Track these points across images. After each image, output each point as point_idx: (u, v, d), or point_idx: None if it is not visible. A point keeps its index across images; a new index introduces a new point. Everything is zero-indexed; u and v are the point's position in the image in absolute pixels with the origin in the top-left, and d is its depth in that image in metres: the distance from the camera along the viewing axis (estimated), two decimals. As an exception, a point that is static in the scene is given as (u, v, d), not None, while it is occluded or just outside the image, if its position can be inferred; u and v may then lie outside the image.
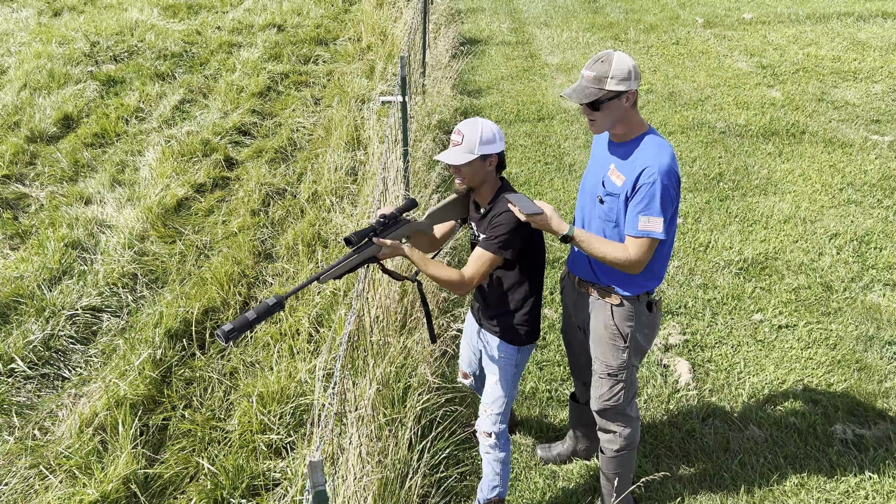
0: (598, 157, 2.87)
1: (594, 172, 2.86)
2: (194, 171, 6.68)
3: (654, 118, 7.85)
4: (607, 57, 2.61)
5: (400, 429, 3.47)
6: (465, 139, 2.79)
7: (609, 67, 2.59)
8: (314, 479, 1.73)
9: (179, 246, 5.57)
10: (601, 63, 2.60)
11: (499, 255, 2.83)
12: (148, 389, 4.07)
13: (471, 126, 2.81)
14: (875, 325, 4.61)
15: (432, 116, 7.20)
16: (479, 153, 2.78)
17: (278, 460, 3.67)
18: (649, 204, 2.61)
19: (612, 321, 2.92)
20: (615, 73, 2.59)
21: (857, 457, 3.67)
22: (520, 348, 3.08)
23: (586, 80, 2.63)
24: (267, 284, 5.14)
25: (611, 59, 2.60)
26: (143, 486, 3.53)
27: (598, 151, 2.89)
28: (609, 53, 2.63)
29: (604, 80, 2.60)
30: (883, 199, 6.09)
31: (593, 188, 2.83)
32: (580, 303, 3.06)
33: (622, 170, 2.70)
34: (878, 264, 5.23)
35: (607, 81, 2.60)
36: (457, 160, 2.79)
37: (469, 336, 3.36)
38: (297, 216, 5.98)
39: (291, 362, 4.24)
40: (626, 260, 2.68)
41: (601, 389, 3.03)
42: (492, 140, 2.81)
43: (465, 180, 2.86)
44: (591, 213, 2.86)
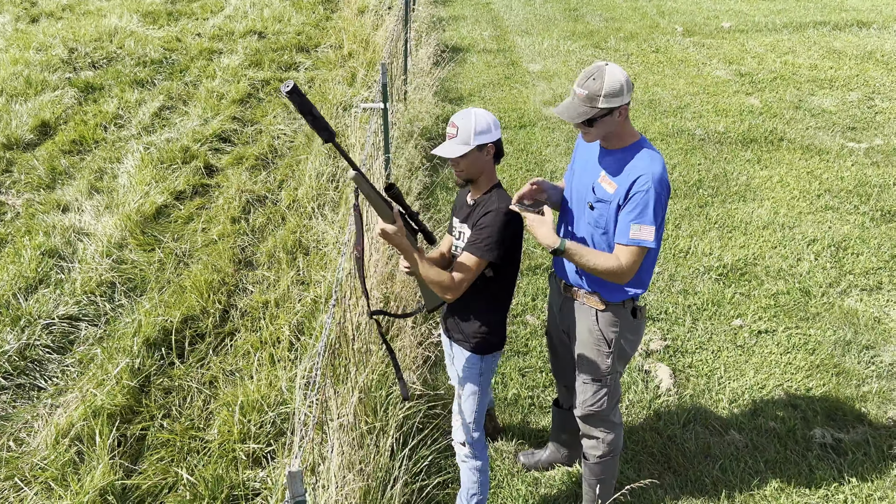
0: (587, 163, 2.83)
1: (583, 178, 2.82)
2: (174, 178, 6.62)
3: (635, 125, 7.87)
4: (598, 73, 2.55)
5: (381, 437, 3.45)
6: (459, 131, 2.77)
7: (601, 84, 2.53)
8: (293, 489, 1.71)
9: (158, 254, 5.51)
10: (592, 81, 2.54)
11: (485, 259, 2.77)
12: (126, 399, 4.02)
13: (464, 117, 2.79)
14: (853, 330, 4.66)
15: (414, 124, 7.20)
16: (474, 143, 2.76)
17: (258, 470, 3.63)
18: (642, 212, 2.60)
19: (596, 326, 2.91)
20: (608, 91, 2.54)
21: (836, 461, 3.70)
22: (483, 357, 3.01)
23: (578, 98, 2.58)
24: (247, 292, 5.10)
25: (602, 76, 2.54)
26: (120, 498, 3.48)
27: (587, 157, 2.85)
28: (600, 69, 2.56)
29: (596, 99, 2.55)
30: (860, 206, 6.16)
31: (582, 193, 2.81)
32: (566, 307, 3.05)
33: (614, 177, 2.67)
34: (856, 270, 5.29)
35: (599, 100, 2.55)
36: (453, 153, 2.76)
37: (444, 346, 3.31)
38: (278, 223, 5.94)
39: (272, 370, 4.20)
40: (617, 269, 2.65)
41: (585, 395, 3.02)
42: (486, 129, 2.78)
43: (464, 172, 2.84)
44: (579, 218, 2.84)
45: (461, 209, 3.01)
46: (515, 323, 4.80)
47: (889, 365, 4.36)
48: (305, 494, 1.70)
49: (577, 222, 2.86)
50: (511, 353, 4.51)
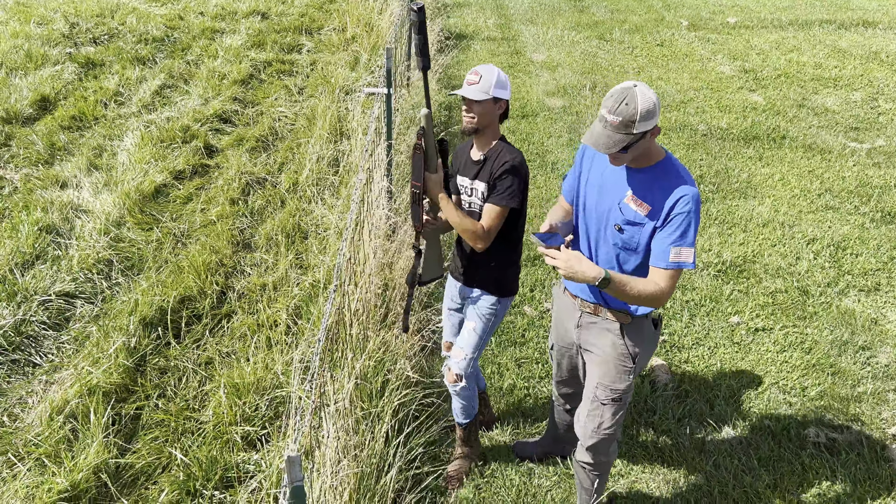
0: (607, 182, 2.65)
1: (604, 197, 2.65)
2: (173, 157, 6.59)
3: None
4: (630, 97, 2.38)
5: (377, 423, 3.45)
6: (482, 79, 2.93)
7: (635, 108, 2.36)
8: (292, 474, 1.70)
9: (156, 233, 5.49)
10: (625, 106, 2.36)
11: (509, 206, 2.99)
12: (121, 378, 4.01)
13: (488, 69, 2.96)
14: (849, 331, 4.66)
15: (417, 110, 7.16)
16: (493, 94, 2.94)
17: (253, 452, 3.63)
18: (684, 234, 2.48)
19: (621, 341, 2.80)
20: (643, 114, 2.37)
21: (830, 460, 3.71)
22: (500, 299, 3.24)
23: (612, 126, 2.39)
24: (245, 274, 5.08)
25: (635, 99, 2.37)
26: (113, 476, 3.48)
27: (605, 174, 2.66)
28: (630, 91, 2.39)
29: (631, 124, 2.38)
30: (860, 206, 6.16)
31: (604, 214, 2.65)
32: (585, 325, 2.89)
33: (645, 197, 2.53)
34: (854, 270, 5.29)
35: (635, 125, 2.38)
36: (474, 96, 2.92)
37: (450, 299, 3.44)
38: (277, 206, 5.92)
39: (269, 354, 4.19)
40: (658, 293, 2.52)
41: (602, 418, 2.86)
42: (504, 85, 2.99)
43: (475, 120, 2.97)
44: (600, 239, 2.70)
45: (467, 167, 3.15)
46: (513, 313, 4.79)
47: (885, 366, 4.37)
48: (303, 480, 1.69)
49: (598, 244, 2.72)
50: (507, 343, 4.50)
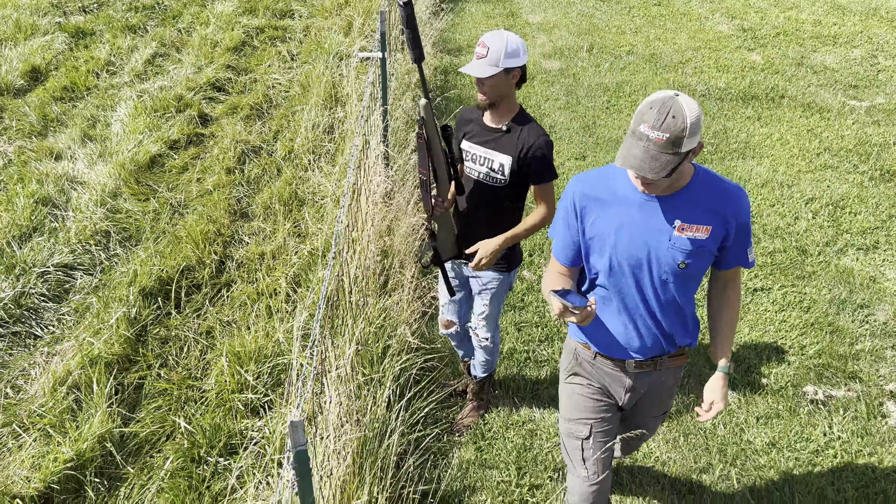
0: (635, 220, 2.24)
1: (638, 239, 2.24)
2: (168, 127, 6.53)
3: (635, 80, 7.81)
4: (677, 108, 1.98)
5: (378, 388, 3.47)
6: (489, 52, 2.78)
7: (684, 123, 1.97)
8: (295, 438, 1.71)
9: (153, 203, 5.46)
10: (672, 119, 1.97)
11: (553, 179, 2.99)
12: (122, 348, 4.02)
13: (496, 38, 2.79)
14: (848, 289, 4.68)
15: (412, 75, 7.08)
16: (503, 66, 2.79)
17: (256, 419, 3.66)
18: (749, 234, 2.28)
19: (680, 374, 2.62)
20: (691, 129, 1.99)
21: (827, 417, 3.75)
22: (509, 273, 3.25)
23: (657, 145, 1.98)
24: (243, 243, 5.07)
25: (682, 112, 1.98)
26: (118, 445, 3.51)
27: (632, 215, 2.24)
28: (675, 103, 2.00)
29: (679, 143, 1.98)
30: (859, 165, 6.14)
31: (647, 260, 2.26)
32: (638, 385, 2.53)
33: (699, 219, 2.19)
34: (853, 229, 5.29)
35: (683, 143, 1.99)
36: (481, 73, 2.78)
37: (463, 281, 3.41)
38: (274, 175, 5.89)
39: (269, 322, 4.21)
40: (739, 296, 2.47)
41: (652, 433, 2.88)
42: (516, 53, 2.81)
43: (488, 95, 2.86)
44: (653, 287, 2.30)
45: (479, 134, 3.03)
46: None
47: (883, 324, 4.39)
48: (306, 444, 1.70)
49: (648, 297, 2.32)
50: (507, 307, 4.51)
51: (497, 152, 2.98)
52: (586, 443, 2.56)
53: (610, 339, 2.44)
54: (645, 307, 2.34)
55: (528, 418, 3.75)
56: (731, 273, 2.38)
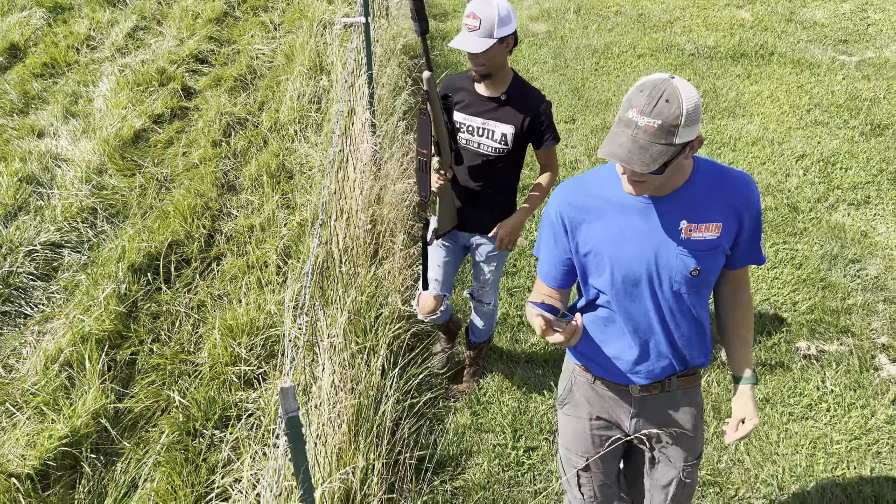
0: (635, 227, 1.95)
1: (642, 248, 1.95)
2: (151, 101, 6.43)
3: (623, 41, 7.72)
4: (670, 92, 1.71)
5: (372, 357, 3.47)
6: (482, 23, 2.64)
7: (678, 108, 1.70)
8: (286, 405, 1.70)
9: (139, 179, 5.40)
10: (665, 104, 1.70)
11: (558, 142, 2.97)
12: (114, 324, 4.00)
13: (485, 6, 2.65)
14: (839, 244, 4.67)
15: (397, 41, 6.98)
16: (497, 36, 2.66)
17: (250, 391, 3.65)
18: (760, 227, 2.03)
19: (698, 399, 2.28)
20: (688, 116, 1.71)
21: (820, 372, 3.77)
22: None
23: (647, 133, 1.71)
24: (232, 217, 5.03)
25: (677, 96, 1.71)
26: (113, 421, 3.50)
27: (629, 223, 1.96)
28: (668, 85, 1.73)
29: (674, 131, 1.71)
30: (849, 120, 6.11)
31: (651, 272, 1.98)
32: (646, 409, 2.23)
33: (707, 216, 1.93)
34: (844, 184, 5.28)
35: (678, 132, 1.71)
36: (478, 47, 2.64)
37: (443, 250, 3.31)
38: (260, 146, 5.82)
39: (260, 294, 4.18)
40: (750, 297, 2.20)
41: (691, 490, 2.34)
42: (508, 20, 2.70)
43: (485, 67, 2.75)
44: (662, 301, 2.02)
45: (473, 104, 2.91)
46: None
47: (874, 278, 4.40)
48: (298, 410, 1.69)
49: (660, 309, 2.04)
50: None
51: (497, 122, 2.88)
52: (583, 473, 2.35)
53: (612, 362, 2.15)
54: (656, 325, 2.05)
55: (522, 382, 3.76)
56: (742, 272, 2.13)
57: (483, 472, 3.30)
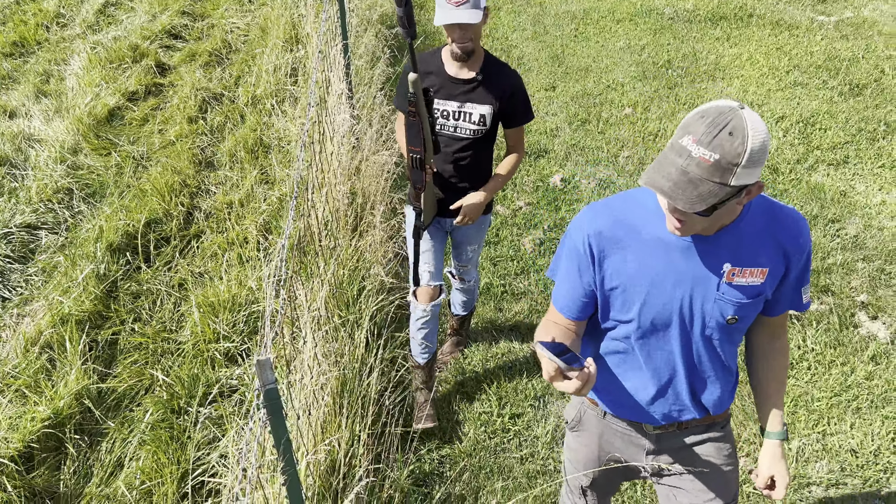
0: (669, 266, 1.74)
1: (681, 292, 1.75)
2: (124, 78, 6.33)
3: (602, 6, 7.66)
4: (737, 124, 1.46)
5: (356, 329, 3.46)
6: None
7: (744, 146, 1.45)
8: (263, 377, 1.69)
9: (115, 157, 5.32)
10: (728, 137, 1.45)
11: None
12: (93, 305, 3.96)
13: None
14: (819, 205, 4.69)
15: (373, 10, 6.89)
16: (482, 6, 2.58)
17: (234, 367, 3.64)
18: (809, 268, 1.83)
19: (727, 432, 2.06)
20: (751, 156, 1.46)
21: (801, 331, 3.80)
22: (489, 213, 3.21)
23: (701, 167, 1.47)
24: (210, 193, 4.97)
25: (743, 129, 1.46)
26: (96, 401, 3.48)
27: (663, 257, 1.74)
28: (735, 116, 1.47)
29: (731, 169, 1.46)
30: (828, 80, 6.11)
31: (685, 314, 1.78)
32: (664, 448, 2.03)
33: (754, 260, 1.72)
34: (823, 145, 5.29)
35: (736, 171, 1.47)
36: (472, 18, 2.53)
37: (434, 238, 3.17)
38: (237, 122, 5.75)
39: (242, 270, 4.16)
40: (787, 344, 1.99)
41: None
42: None
43: (471, 43, 2.64)
44: (692, 346, 1.83)
45: (446, 87, 2.79)
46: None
47: (853, 237, 4.43)
48: (275, 382, 1.68)
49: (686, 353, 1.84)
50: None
51: (474, 104, 2.80)
52: (588, 490, 2.21)
53: (626, 398, 1.96)
54: (680, 368, 1.86)
55: (507, 350, 3.77)
56: (782, 318, 1.90)
57: (469, 440, 3.32)
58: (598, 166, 5.18)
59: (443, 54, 2.82)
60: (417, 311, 3.20)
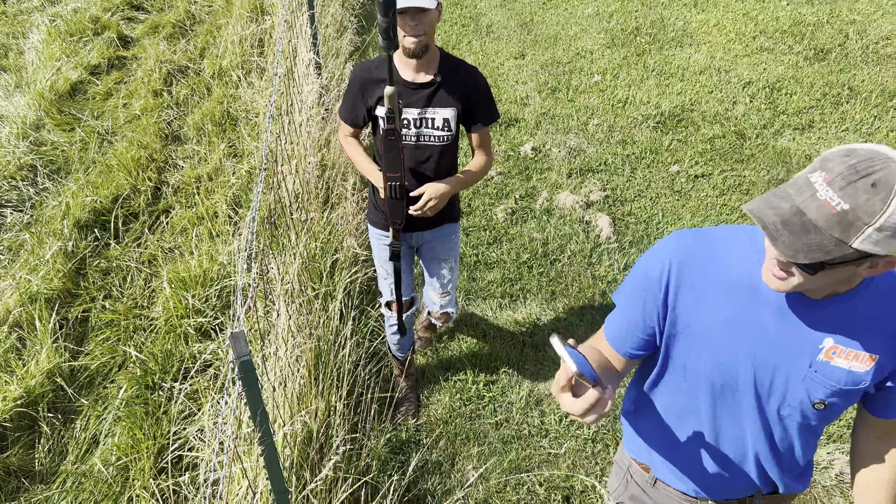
0: (763, 326, 1.45)
1: (764, 357, 1.46)
2: (86, 51, 6.18)
3: (571, -27, 7.62)
4: (886, 176, 1.16)
5: (330, 301, 3.46)
6: None
7: (885, 204, 1.15)
8: (237, 349, 1.69)
9: (79, 133, 5.22)
10: (871, 189, 1.16)
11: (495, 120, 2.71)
12: (62, 283, 3.91)
13: None
14: (785, 169, 4.77)
15: (340, -20, 6.78)
16: None
17: (208, 342, 3.63)
18: None
19: None
20: (890, 221, 1.16)
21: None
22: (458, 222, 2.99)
23: (822, 210, 1.19)
24: (178, 168, 4.91)
25: (892, 186, 1.15)
26: (69, 379, 3.46)
27: (757, 313, 1.45)
28: (888, 166, 1.17)
29: (859, 228, 1.17)
30: (794, 45, 6.16)
31: (768, 385, 1.49)
32: None
33: (863, 343, 1.40)
34: (789, 110, 5.35)
35: (864, 232, 1.17)
36: (427, 3, 2.30)
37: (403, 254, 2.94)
38: (204, 95, 5.66)
39: (212, 245, 4.12)
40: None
41: None
42: None
43: (425, 37, 2.39)
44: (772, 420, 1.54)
45: (406, 94, 2.53)
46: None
47: (818, 200, 4.50)
48: (250, 354, 1.69)
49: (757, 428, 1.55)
50: (454, 212, 4.50)
51: (436, 108, 2.56)
52: None
53: (681, 464, 1.70)
54: (748, 443, 1.59)
55: (480, 319, 3.80)
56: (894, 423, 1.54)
57: (445, 408, 3.36)
58: (568, 135, 5.19)
59: (395, 59, 2.55)
60: (391, 319, 3.15)
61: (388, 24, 2.12)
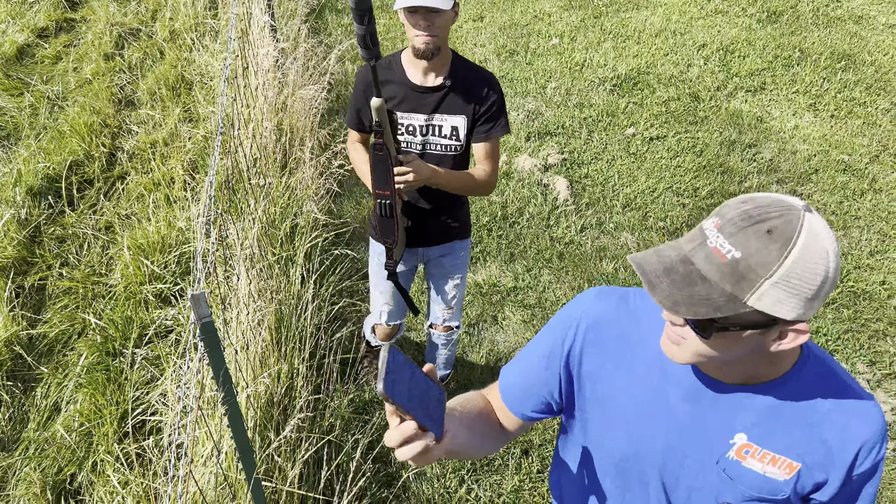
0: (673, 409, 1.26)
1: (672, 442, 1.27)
2: (32, 14, 6.00)
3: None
4: (783, 225, 1.01)
5: (291, 266, 3.48)
6: None
7: (781, 254, 1.00)
8: (199, 311, 1.72)
9: (28, 98, 5.09)
10: (765, 237, 1.01)
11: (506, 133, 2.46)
12: (17, 251, 3.86)
13: None
14: (737, 130, 4.88)
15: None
16: None
17: (169, 308, 3.63)
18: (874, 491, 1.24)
19: None
20: (789, 275, 1.01)
21: (718, 251, 4.00)
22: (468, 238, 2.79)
23: (710, 258, 1.04)
24: (132, 133, 4.83)
25: (792, 238, 1.00)
26: (27, 348, 3.44)
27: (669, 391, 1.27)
28: (788, 215, 1.02)
29: (752, 282, 1.01)
30: (747, 8, 6.25)
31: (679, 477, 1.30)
32: None
33: (785, 447, 1.20)
34: (742, 72, 5.45)
35: (759, 287, 1.02)
36: (442, 3, 2.12)
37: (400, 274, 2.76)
38: (157, 58, 5.55)
39: (170, 211, 4.09)
40: None
41: None
42: None
43: (438, 37, 2.21)
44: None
45: (410, 98, 2.35)
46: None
47: (769, 161, 4.63)
48: (211, 316, 1.71)
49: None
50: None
51: (445, 115, 2.35)
52: None
53: None
54: None
55: (440, 280, 3.86)
56: None
57: (406, 368, 3.42)
58: (526, 98, 5.23)
59: (402, 59, 2.37)
60: (374, 341, 3.16)
61: (364, 32, 1.95)
